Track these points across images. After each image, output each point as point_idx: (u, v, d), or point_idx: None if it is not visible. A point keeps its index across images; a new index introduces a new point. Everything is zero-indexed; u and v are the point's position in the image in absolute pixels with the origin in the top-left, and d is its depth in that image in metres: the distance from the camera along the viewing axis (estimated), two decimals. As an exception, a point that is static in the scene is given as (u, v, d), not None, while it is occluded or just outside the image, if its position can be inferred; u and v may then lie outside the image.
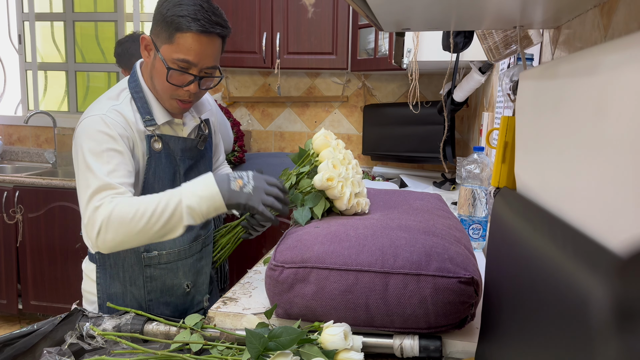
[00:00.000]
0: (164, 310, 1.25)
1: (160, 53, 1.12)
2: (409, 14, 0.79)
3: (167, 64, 1.11)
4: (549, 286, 0.42)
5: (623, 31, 0.61)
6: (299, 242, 0.92)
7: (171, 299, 1.26)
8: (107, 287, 1.21)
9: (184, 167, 1.23)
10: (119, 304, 1.20)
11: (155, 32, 1.13)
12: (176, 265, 1.24)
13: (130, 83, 1.19)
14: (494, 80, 1.89)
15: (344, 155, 1.18)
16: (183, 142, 1.22)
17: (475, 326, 0.87)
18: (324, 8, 2.62)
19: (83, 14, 3.29)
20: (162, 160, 1.18)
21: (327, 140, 1.16)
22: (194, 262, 1.28)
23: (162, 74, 1.13)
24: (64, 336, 0.88)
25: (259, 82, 3.06)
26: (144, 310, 1.22)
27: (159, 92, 1.17)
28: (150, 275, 1.21)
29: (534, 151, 0.59)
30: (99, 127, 1.08)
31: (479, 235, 1.41)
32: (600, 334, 0.30)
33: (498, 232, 0.66)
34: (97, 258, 1.20)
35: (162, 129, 1.19)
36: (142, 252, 1.19)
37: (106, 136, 1.08)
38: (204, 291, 1.34)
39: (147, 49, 1.16)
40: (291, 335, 0.76)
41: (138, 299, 1.22)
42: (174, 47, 1.10)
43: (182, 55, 1.10)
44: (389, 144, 2.67)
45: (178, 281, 1.25)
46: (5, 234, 2.77)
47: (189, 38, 1.09)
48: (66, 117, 3.31)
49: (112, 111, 1.12)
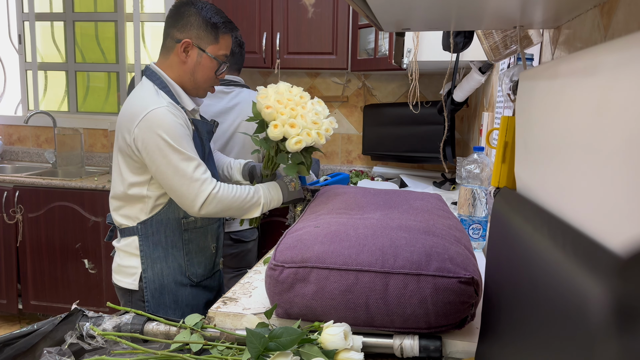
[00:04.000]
0: (197, 269, 1.47)
1: (208, 52, 1.39)
2: (409, 14, 0.80)
3: (219, 60, 1.41)
4: (548, 286, 0.42)
5: (623, 31, 0.61)
6: (299, 242, 0.92)
7: (202, 259, 1.49)
8: (151, 252, 1.40)
9: (208, 148, 1.46)
10: (163, 266, 1.41)
11: (197, 35, 1.39)
12: (206, 230, 1.49)
13: (154, 81, 1.38)
14: (494, 80, 1.89)
15: (290, 97, 1.39)
16: (207, 125, 1.47)
17: (475, 326, 0.87)
18: (324, 8, 2.62)
19: (83, 14, 3.28)
20: (198, 142, 1.39)
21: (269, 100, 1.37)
22: (217, 227, 1.54)
23: (209, 70, 1.41)
24: (64, 336, 0.88)
25: (259, 82, 3.05)
26: (184, 268, 1.44)
27: (199, 84, 1.42)
28: (188, 238, 1.44)
29: (534, 151, 0.59)
30: (170, 117, 1.29)
31: (479, 235, 1.41)
32: (600, 334, 0.30)
33: (498, 232, 0.66)
34: (139, 229, 1.39)
35: (191, 114, 1.42)
36: (182, 217, 1.41)
37: (179, 124, 1.31)
38: (220, 254, 1.60)
39: (186, 50, 1.38)
40: (292, 336, 0.76)
41: (178, 260, 1.43)
42: (219, 46, 1.42)
43: (225, 52, 1.44)
44: (389, 144, 2.67)
45: (207, 243, 1.50)
46: (5, 234, 2.77)
47: (228, 37, 1.44)
48: (66, 117, 3.31)
49: (167, 104, 1.31)
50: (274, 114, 1.34)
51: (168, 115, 1.29)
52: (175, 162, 1.28)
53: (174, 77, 1.41)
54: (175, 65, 1.41)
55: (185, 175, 1.29)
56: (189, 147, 1.31)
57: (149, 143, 1.28)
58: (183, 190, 1.30)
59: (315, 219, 1.12)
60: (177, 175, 1.29)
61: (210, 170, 1.42)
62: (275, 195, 1.44)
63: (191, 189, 1.29)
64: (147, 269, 1.39)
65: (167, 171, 1.30)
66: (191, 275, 1.45)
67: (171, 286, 1.41)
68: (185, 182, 1.29)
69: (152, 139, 1.28)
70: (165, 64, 1.42)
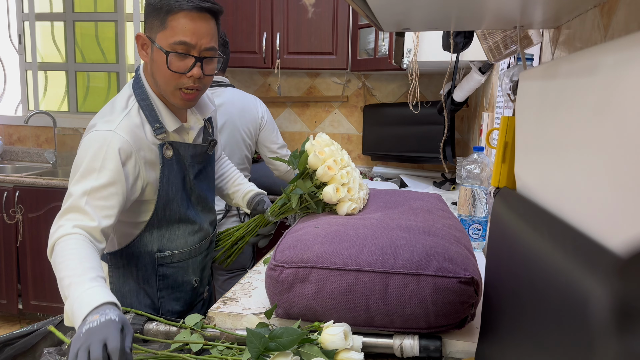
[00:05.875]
0: (174, 305, 1.27)
1: (157, 42, 1.09)
2: (409, 14, 0.80)
3: (164, 50, 1.08)
4: (549, 286, 0.42)
5: (623, 31, 0.61)
6: (299, 242, 0.92)
7: (181, 295, 1.28)
8: (121, 285, 1.22)
9: (193, 172, 1.24)
10: (133, 301, 1.22)
11: (148, 25, 1.11)
12: (187, 264, 1.27)
13: (135, 90, 1.16)
14: (494, 80, 1.89)
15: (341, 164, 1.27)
16: (193, 148, 1.22)
17: (475, 326, 0.87)
18: (324, 8, 2.62)
19: (83, 14, 3.28)
20: (173, 167, 1.18)
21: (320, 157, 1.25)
22: (201, 259, 1.32)
23: (162, 65, 1.10)
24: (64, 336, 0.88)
25: (259, 82, 3.06)
26: (156, 306, 1.25)
27: (162, 88, 1.13)
28: (163, 273, 1.23)
29: (534, 151, 0.59)
30: (104, 145, 1.05)
31: (479, 235, 1.41)
32: (600, 334, 0.30)
33: (498, 232, 0.66)
34: (108, 258, 1.21)
35: (172, 136, 1.18)
36: (156, 252, 1.21)
37: (108, 157, 1.05)
38: (205, 283, 1.40)
39: (144, 47, 1.14)
40: (292, 336, 0.76)
41: (151, 296, 1.24)
42: (169, 32, 1.08)
43: (179, 37, 1.07)
44: (389, 144, 2.67)
45: (188, 278, 1.29)
46: (5, 234, 2.77)
47: (182, 18, 1.07)
48: (66, 117, 3.31)
49: (123, 124, 1.09)
50: (331, 175, 1.20)
51: (105, 142, 1.05)
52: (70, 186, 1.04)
53: (152, 85, 1.17)
54: (146, 68, 1.17)
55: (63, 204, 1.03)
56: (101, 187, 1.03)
57: (76, 157, 1.08)
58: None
59: (315, 219, 1.12)
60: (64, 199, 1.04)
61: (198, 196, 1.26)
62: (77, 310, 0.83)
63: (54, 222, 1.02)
64: None
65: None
66: (165, 313, 1.26)
67: None
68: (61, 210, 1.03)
69: (77, 158, 1.07)
70: (144, 70, 1.19)
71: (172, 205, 1.20)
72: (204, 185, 1.30)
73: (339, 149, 1.31)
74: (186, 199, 1.23)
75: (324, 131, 3.03)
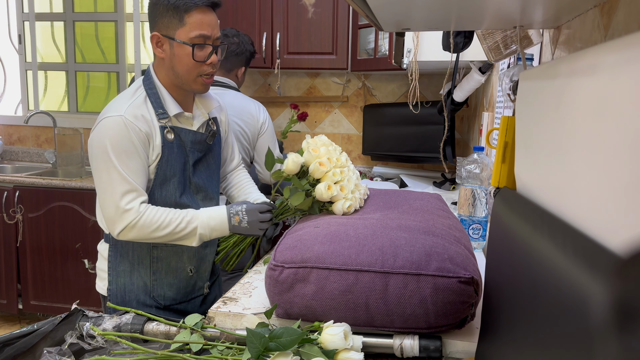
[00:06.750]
0: (166, 291, 1.36)
1: (177, 38, 1.25)
2: (409, 14, 0.80)
3: (189, 43, 1.24)
4: (549, 286, 0.42)
5: (623, 31, 0.61)
6: (299, 242, 0.92)
7: (174, 281, 1.37)
8: (117, 264, 1.32)
9: (193, 158, 1.33)
10: (127, 282, 1.32)
11: (164, 24, 1.26)
12: (181, 249, 1.35)
13: (145, 82, 1.31)
14: (494, 80, 1.89)
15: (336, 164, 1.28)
16: (193, 134, 1.33)
17: (475, 326, 0.87)
18: (324, 8, 2.62)
19: (83, 14, 3.28)
20: (174, 150, 1.28)
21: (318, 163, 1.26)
22: (198, 249, 1.38)
23: (185, 57, 1.26)
24: (64, 336, 0.88)
25: (259, 81, 3.06)
26: (149, 288, 1.34)
27: (184, 78, 1.28)
28: (156, 256, 1.33)
29: (534, 151, 0.59)
30: (119, 127, 1.20)
31: (479, 235, 1.41)
32: (600, 334, 0.30)
33: (498, 232, 0.66)
34: (110, 237, 1.32)
35: (174, 122, 1.30)
36: None
37: (125, 137, 1.20)
38: (205, 278, 1.46)
39: (159, 45, 1.28)
40: (292, 336, 0.76)
41: (144, 278, 1.33)
42: (188, 28, 1.24)
43: (198, 31, 1.25)
44: (389, 144, 2.67)
45: (182, 265, 1.37)
46: (5, 234, 2.77)
47: (197, 14, 1.24)
48: (66, 117, 3.31)
49: (130, 110, 1.22)
50: (323, 172, 1.23)
51: (119, 125, 1.20)
52: (108, 178, 1.19)
53: (162, 78, 1.31)
54: (159, 64, 1.31)
55: (113, 196, 1.19)
56: (131, 164, 1.20)
57: (94, 150, 1.21)
58: (106, 209, 1.22)
59: (315, 219, 1.12)
60: (106, 193, 1.20)
61: (197, 184, 1.34)
62: (217, 225, 1.27)
63: (113, 213, 1.20)
64: (112, 281, 1.32)
65: (99, 183, 1.22)
66: (157, 296, 1.34)
67: (132, 304, 1.31)
68: (111, 203, 1.20)
69: (98, 146, 1.21)
70: (155, 65, 1.34)
71: (169, 187, 1.29)
72: (203, 174, 1.38)
73: (338, 151, 1.31)
74: (183, 184, 1.32)
75: (323, 131, 3.04)
